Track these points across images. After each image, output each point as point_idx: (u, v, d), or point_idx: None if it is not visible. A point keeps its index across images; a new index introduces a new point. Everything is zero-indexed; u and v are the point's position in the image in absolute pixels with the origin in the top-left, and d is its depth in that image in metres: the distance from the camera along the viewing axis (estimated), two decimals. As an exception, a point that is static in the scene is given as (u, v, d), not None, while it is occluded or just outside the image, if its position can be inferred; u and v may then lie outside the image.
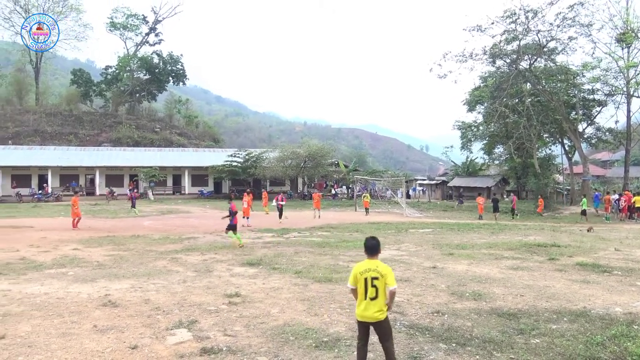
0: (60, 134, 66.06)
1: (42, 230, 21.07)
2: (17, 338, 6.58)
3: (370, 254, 5.40)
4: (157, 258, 13.39)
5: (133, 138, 67.88)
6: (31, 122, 66.17)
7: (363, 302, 5.26)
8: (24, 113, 68.29)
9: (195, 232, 20.68)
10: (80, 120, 70.63)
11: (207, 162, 54.46)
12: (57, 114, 69.60)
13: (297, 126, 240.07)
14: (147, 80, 79.44)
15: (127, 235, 18.92)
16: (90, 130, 69.17)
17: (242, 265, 12.29)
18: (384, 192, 50.06)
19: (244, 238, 18.38)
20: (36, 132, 64.72)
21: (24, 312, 7.84)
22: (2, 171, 48.88)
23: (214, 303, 8.42)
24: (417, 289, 9.62)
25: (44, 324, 7.23)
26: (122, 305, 8.28)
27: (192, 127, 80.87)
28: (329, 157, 53.28)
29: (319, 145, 53.80)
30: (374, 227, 23.33)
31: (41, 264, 12.43)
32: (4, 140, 60.12)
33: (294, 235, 19.41)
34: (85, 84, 76.90)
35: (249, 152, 54.05)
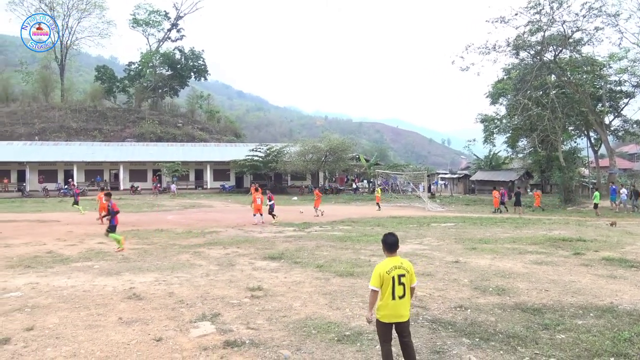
0: (85, 130, 67.14)
1: (68, 224, 21.45)
2: (46, 329, 6.73)
3: (391, 251, 5.15)
4: (181, 252, 13.54)
5: (156, 133, 68.65)
6: (57, 118, 67.35)
7: (390, 303, 4.98)
8: (49, 109, 69.51)
9: (217, 226, 20.84)
10: (105, 116, 71.64)
11: (228, 156, 54.80)
12: (81, 110, 70.70)
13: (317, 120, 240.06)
14: (170, 76, 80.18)
15: (150, 229, 19.16)
16: (114, 126, 70.13)
17: (264, 259, 12.36)
18: (405, 186, 49.81)
19: (265, 232, 18.48)
20: (62, 128, 65.87)
21: (52, 305, 8.00)
22: (30, 167, 49.88)
23: (236, 296, 8.49)
24: (439, 283, 9.56)
25: (71, 316, 7.38)
26: (147, 298, 8.40)
27: (213, 122, 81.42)
28: (350, 151, 53.17)
29: (340, 140, 53.70)
30: (396, 222, 23.22)
31: (68, 257, 12.67)
32: (31, 136, 61.37)
33: (315, 230, 19.43)
34: (109, 80, 77.96)
35: (270, 146, 54.23)
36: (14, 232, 18.24)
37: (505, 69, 47.19)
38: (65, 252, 13.45)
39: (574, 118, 41.83)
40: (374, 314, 5.10)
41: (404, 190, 48.33)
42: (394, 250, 5.16)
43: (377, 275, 5.00)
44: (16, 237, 16.88)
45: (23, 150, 52.23)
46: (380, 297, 5.03)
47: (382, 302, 5.02)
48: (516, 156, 57.02)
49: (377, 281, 4.99)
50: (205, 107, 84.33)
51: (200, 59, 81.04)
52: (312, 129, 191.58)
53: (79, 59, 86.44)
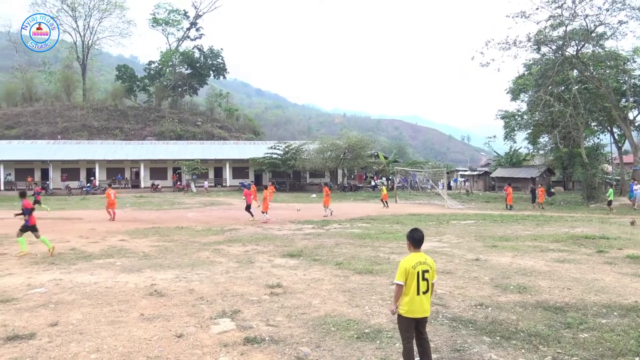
0: (107, 129, 68.00)
1: (91, 222, 21.79)
2: (69, 325, 6.84)
3: (417, 247, 5.20)
4: (200, 249, 13.67)
5: (176, 132, 69.25)
6: (79, 117, 68.31)
7: (415, 298, 5.01)
8: (72, 108, 70.54)
9: (236, 223, 20.98)
10: (125, 115, 72.47)
11: (247, 154, 55.05)
12: (103, 109, 71.62)
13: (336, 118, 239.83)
14: (189, 74, 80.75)
15: (171, 227, 19.36)
16: (135, 125, 70.91)
17: (283, 256, 12.41)
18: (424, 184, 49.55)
19: (284, 229, 18.54)
20: (84, 127, 66.80)
21: (75, 301, 8.14)
22: (53, 165, 50.72)
23: (256, 293, 8.54)
24: (459, 281, 9.51)
25: (94, 312, 7.49)
26: (168, 294, 8.50)
27: (232, 120, 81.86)
28: (368, 148, 53.02)
29: (358, 137, 53.58)
30: (415, 219, 23.13)
31: (90, 254, 12.87)
32: (54, 135, 62.37)
33: (334, 227, 19.44)
34: (129, 80, 78.83)
35: (289, 144, 54.36)
36: (38, 230, 18.55)
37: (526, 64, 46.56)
38: (88, 249, 13.66)
39: (596, 114, 41.11)
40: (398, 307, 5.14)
41: (422, 188, 48.05)
42: (419, 246, 5.23)
43: (403, 270, 5.06)
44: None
45: (46, 149, 53.10)
46: (405, 292, 5.07)
47: (408, 297, 5.05)
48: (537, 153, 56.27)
49: (402, 276, 5.04)
50: (224, 106, 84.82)
51: (219, 57, 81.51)
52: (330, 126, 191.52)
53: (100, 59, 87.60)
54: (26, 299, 8.26)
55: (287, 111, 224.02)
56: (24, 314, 7.42)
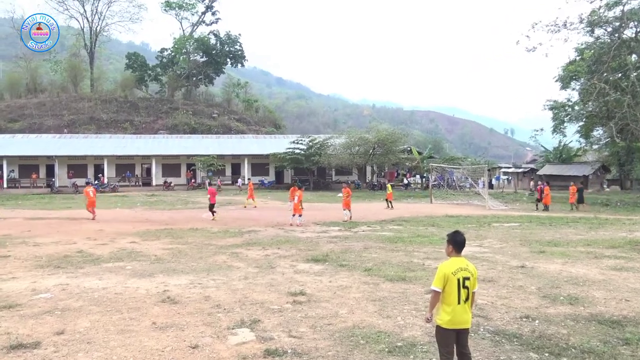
0: (116, 122, 69.09)
1: (99, 222, 22.15)
2: (76, 334, 6.96)
3: (459, 251, 5.19)
4: (217, 252, 13.78)
5: (190, 125, 69.96)
6: (86, 110, 69.55)
7: (457, 307, 4.98)
8: (79, 100, 71.83)
9: (255, 225, 21.09)
10: (136, 106, 73.50)
11: (267, 149, 55.23)
12: (112, 101, 72.76)
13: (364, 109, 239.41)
14: (204, 62, 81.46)
15: (185, 228, 19.57)
16: (146, 117, 71.86)
17: (306, 261, 12.43)
18: (463, 182, 49.07)
19: (308, 232, 18.57)
20: (91, 120, 68.00)
21: (83, 307, 8.28)
22: (59, 161, 51.69)
23: (277, 302, 8.57)
24: (502, 290, 9.40)
25: (103, 319, 7.61)
26: (182, 302, 8.58)
27: (251, 112, 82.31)
28: (400, 143, 52.76)
29: (389, 130, 53.36)
30: (453, 221, 22.95)
31: (98, 257, 13.08)
32: (60, 129, 63.58)
33: (362, 230, 19.41)
34: (140, 69, 79.86)
35: (313, 138, 54.37)
36: (43, 230, 18.96)
37: (577, 48, 45.72)
38: (96, 252, 13.89)
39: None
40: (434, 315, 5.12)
41: (461, 187, 47.62)
42: (461, 250, 5.22)
43: (442, 275, 5.02)
44: (45, 235, 17.55)
45: (52, 144, 54.15)
46: (444, 300, 5.03)
47: (447, 306, 5.01)
48: (590, 148, 55.27)
49: (440, 282, 5.01)
50: (242, 96, 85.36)
51: (237, 43, 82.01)
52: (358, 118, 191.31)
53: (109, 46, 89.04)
54: (31, 305, 8.43)
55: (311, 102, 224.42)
56: (28, 321, 7.57)
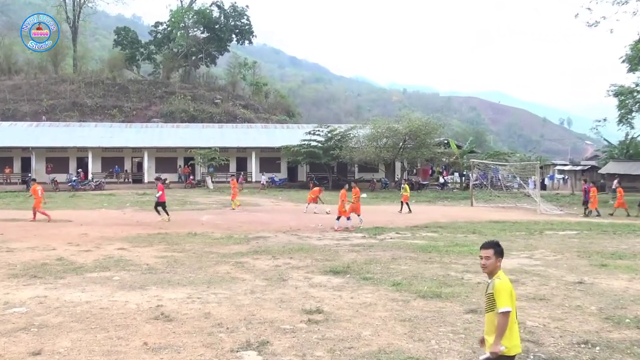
0: (102, 108, 69.64)
1: (82, 225, 22.33)
2: (55, 355, 7.03)
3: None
4: (219, 262, 13.84)
5: (188, 112, 70.27)
6: (68, 94, 70.19)
7: (515, 328, 5.25)
8: (59, 83, 72.50)
9: (264, 230, 21.13)
10: (126, 90, 74.01)
11: (279, 141, 55.19)
12: (98, 83, 73.33)
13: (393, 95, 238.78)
14: (205, 39, 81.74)
15: (182, 233, 19.66)
16: (137, 103, 72.34)
17: (324, 273, 12.44)
18: (510, 181, 48.73)
19: (326, 239, 18.56)
20: (74, 106, 68.60)
21: (63, 324, 8.36)
22: (36, 153, 52.08)
23: (289, 320, 8.58)
24: (556, 310, 9.34)
25: (86, 338, 7.67)
26: (178, 319, 8.63)
27: (260, 98, 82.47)
28: (436, 134, 52.50)
29: (422, 120, 53.02)
30: (497, 228, 22.79)
31: (82, 266, 13.20)
32: (38, 116, 64.20)
33: (390, 237, 19.36)
34: (130, 46, 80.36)
35: (332, 128, 54.23)
36: (17, 234, 19.16)
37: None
38: (79, 260, 14.02)
39: None
40: None
41: (507, 187, 47.29)
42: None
43: (509, 291, 5.20)
44: (20, 239, 17.74)
45: (28, 133, 54.64)
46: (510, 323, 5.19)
47: (513, 330, 5.20)
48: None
49: (510, 300, 5.18)
50: (249, 79, 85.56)
51: (244, 17, 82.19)
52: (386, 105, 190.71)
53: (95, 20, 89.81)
54: (3, 321, 8.53)
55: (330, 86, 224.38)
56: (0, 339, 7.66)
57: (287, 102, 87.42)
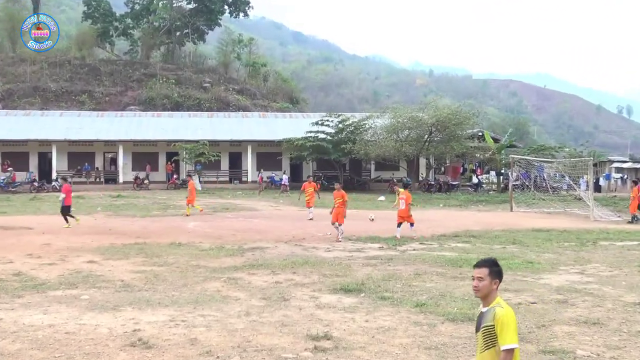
0: (69, 93, 69.72)
1: (44, 233, 22.34)
2: (12, 388, 7.04)
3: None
4: (208, 278, 13.84)
5: (172, 98, 70.26)
6: (28, 77, 70.32)
7: None
8: (18, 63, 72.63)
9: (262, 239, 21.11)
10: (97, 72, 74.08)
11: (280, 133, 55.07)
12: (64, 64, 73.43)
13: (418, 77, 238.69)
14: (192, 11, 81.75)
15: (163, 243, 19.68)
16: (111, 88, 72.40)
17: (333, 291, 12.42)
18: (557, 182, 48.59)
19: (336, 250, 18.53)
20: (35, 91, 68.70)
21: (21, 352, 8.36)
22: (-10, 148, 52.30)
23: (291, 348, 8.57)
24: (613, 337, 9.31)
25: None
26: (158, 345, 8.63)
27: (258, 81, 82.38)
28: (468, 125, 52.31)
29: (453, 108, 52.88)
30: (542, 237, 22.69)
31: (44, 282, 13.22)
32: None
33: (413, 248, 19.33)
34: (103, 19, 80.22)
35: (344, 118, 54.03)
36: (-32, 244, 19.19)
37: None
38: (41, 275, 14.03)
39: None
40: None
41: (554, 188, 47.16)
42: None
43: (515, 323, 5.01)
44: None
45: (-20, 124, 54.62)
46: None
47: None
48: None
49: (516, 334, 4.98)
50: (245, 59, 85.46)
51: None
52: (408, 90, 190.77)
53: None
54: (-50, 347, 8.54)
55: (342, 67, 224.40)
56: (-54, 369, 7.69)
57: (289, 87, 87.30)
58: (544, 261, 16.42)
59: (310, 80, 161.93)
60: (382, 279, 13.69)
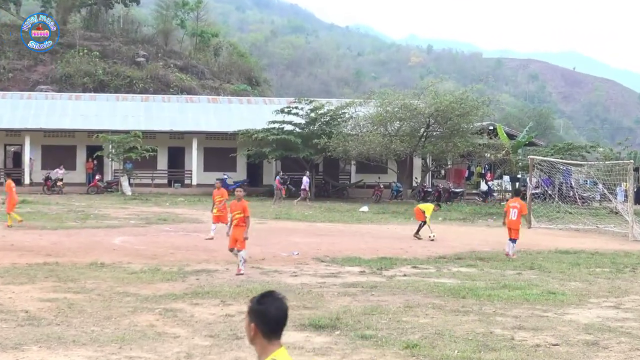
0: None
1: None
2: None
3: (277, 336, 4.09)
4: (138, 309, 13.76)
5: (95, 76, 69.89)
6: None
7: None
8: None
9: (210, 259, 21.08)
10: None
11: (235, 123, 55.04)
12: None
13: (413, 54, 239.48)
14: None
15: (81, 263, 19.53)
16: (16, 61, 71.88)
17: (300, 328, 12.42)
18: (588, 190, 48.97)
19: (305, 274, 18.52)
20: None
21: None
22: None
23: (245, 401, 8.57)
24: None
25: None
26: (72, 397, 8.58)
27: (207, 56, 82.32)
28: (476, 117, 52.57)
29: (456, 94, 53.12)
30: (568, 261, 22.84)
31: None
32: None
33: (403, 272, 19.39)
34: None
35: (318, 105, 54.03)
36: None
37: None
38: None
39: None
40: None
41: (583, 199, 47.53)
42: (279, 335, 4.13)
43: None
44: None
45: None
46: None
47: None
48: None
49: None
50: (191, 27, 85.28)
51: None
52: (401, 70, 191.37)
53: None
54: None
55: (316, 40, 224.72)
56: None
57: (248, 64, 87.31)
58: (570, 292, 16.53)
59: (275, 56, 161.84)
60: (362, 313, 13.69)
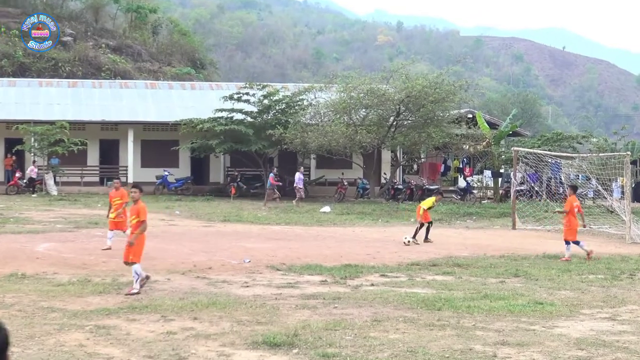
0: None
1: None
2: None
3: None
4: (66, 326, 13.66)
5: (12, 57, 69.51)
6: None
7: None
8: None
9: (149, 268, 20.92)
10: None
11: (177, 112, 55.07)
12: None
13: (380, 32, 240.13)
14: None
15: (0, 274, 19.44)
16: None
17: (253, 346, 12.39)
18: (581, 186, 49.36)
19: (258, 284, 18.53)
20: None
21: None
22: None
23: None
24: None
25: None
26: None
27: (144, 35, 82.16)
28: (452, 103, 52.79)
29: (430, 78, 53.32)
30: (558, 267, 23.02)
31: None
32: None
33: (371, 282, 19.45)
34: None
35: (271, 90, 54.12)
36: None
37: None
38: None
39: None
40: None
41: (576, 196, 47.88)
42: None
43: None
44: None
45: None
46: None
47: None
48: None
49: None
50: (125, 1, 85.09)
51: None
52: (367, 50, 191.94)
53: None
54: None
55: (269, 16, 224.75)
56: None
57: (192, 44, 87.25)
58: (560, 302, 16.64)
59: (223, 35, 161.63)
60: (324, 328, 13.69)
